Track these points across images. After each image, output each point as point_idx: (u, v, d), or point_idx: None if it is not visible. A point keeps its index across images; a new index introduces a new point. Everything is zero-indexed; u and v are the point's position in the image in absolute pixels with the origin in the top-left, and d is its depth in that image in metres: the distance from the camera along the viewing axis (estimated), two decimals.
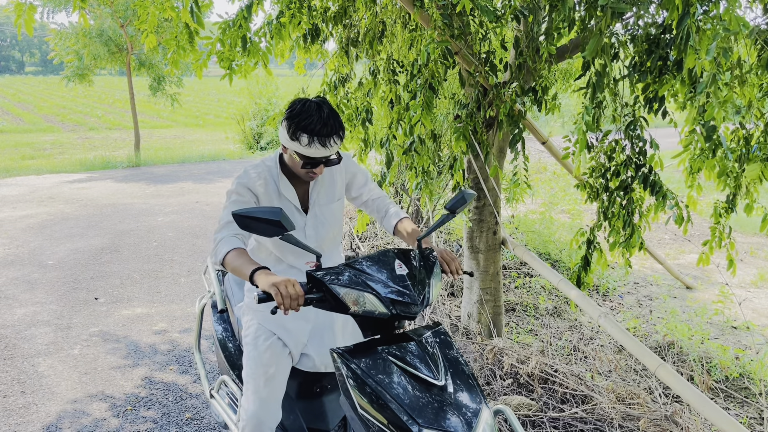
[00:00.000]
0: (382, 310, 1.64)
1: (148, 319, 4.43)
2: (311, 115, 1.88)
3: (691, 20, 2.31)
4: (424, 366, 1.59)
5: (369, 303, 1.64)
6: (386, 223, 2.29)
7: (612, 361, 3.55)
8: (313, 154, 1.91)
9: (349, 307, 1.64)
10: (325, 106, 1.92)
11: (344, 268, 1.71)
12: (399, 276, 1.71)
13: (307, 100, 1.94)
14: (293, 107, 1.93)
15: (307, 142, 1.88)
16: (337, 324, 2.21)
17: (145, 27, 3.52)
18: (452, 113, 4.42)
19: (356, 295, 1.64)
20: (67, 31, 12.33)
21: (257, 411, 2.03)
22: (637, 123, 3.01)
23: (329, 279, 1.66)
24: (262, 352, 2.07)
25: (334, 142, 1.91)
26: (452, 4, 2.97)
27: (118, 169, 12.44)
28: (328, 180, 2.18)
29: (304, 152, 1.91)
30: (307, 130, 1.87)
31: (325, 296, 1.66)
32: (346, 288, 1.64)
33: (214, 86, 41.00)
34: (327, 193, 2.18)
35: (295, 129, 1.88)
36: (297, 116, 1.89)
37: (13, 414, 3.15)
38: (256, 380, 2.05)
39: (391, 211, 2.29)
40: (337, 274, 1.68)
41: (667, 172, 10.27)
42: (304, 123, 1.87)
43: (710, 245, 3.34)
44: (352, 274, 1.69)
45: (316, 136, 1.87)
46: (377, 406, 1.51)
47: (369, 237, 6.45)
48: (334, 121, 1.91)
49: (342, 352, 1.64)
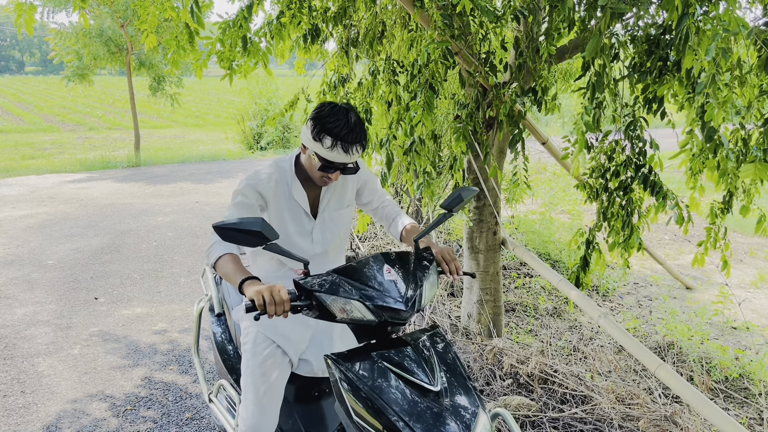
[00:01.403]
0: (370, 317, 1.62)
1: (148, 319, 4.43)
2: (339, 119, 1.85)
3: (690, 21, 2.31)
4: (420, 371, 1.57)
5: (356, 310, 1.61)
6: (393, 230, 2.27)
7: (612, 361, 3.55)
8: (333, 159, 1.88)
9: (336, 315, 1.62)
10: (353, 113, 1.90)
11: (332, 275, 1.69)
12: (387, 281, 1.69)
13: (336, 104, 1.91)
14: (321, 108, 1.91)
15: (330, 144, 1.85)
16: (337, 330, 2.18)
17: (145, 27, 3.52)
18: (452, 113, 4.43)
19: (342, 303, 1.61)
20: (67, 31, 12.35)
21: (256, 420, 2.00)
22: (637, 123, 3.02)
23: (316, 287, 1.63)
24: (261, 360, 2.03)
25: (356, 150, 1.89)
26: (452, 5, 2.98)
27: (118, 169, 12.44)
28: (340, 186, 2.16)
29: (324, 155, 1.88)
30: (332, 134, 1.84)
31: (313, 304, 1.63)
32: (333, 296, 1.61)
33: (214, 86, 41.00)
34: (338, 198, 2.16)
35: (320, 130, 1.86)
36: (324, 118, 1.87)
37: (12, 414, 3.15)
38: (255, 388, 2.02)
39: (398, 218, 2.28)
40: (324, 281, 1.65)
41: (668, 173, 10.27)
42: (330, 126, 1.85)
43: (705, 246, 3.34)
44: (340, 280, 1.67)
45: (340, 140, 1.84)
46: (372, 412, 1.49)
47: (369, 237, 6.45)
48: (359, 130, 1.88)
49: (336, 358, 1.62)
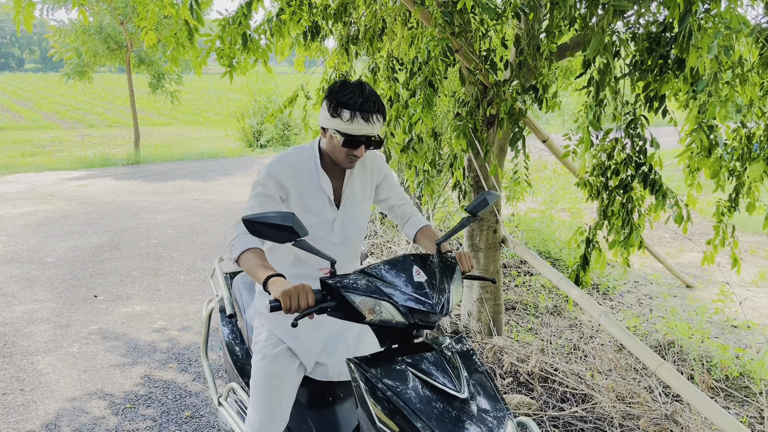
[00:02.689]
0: (400, 320, 1.57)
1: (147, 317, 4.42)
2: (353, 91, 1.84)
3: (692, 18, 2.30)
4: (446, 377, 1.52)
5: (386, 312, 1.56)
6: (407, 230, 2.24)
7: (612, 359, 3.54)
8: (355, 131, 1.85)
9: (365, 316, 1.56)
10: (366, 85, 1.88)
11: (360, 275, 1.63)
12: (417, 283, 1.63)
13: (346, 80, 1.90)
14: (333, 86, 1.89)
15: (348, 117, 1.83)
16: (352, 332, 2.13)
17: (145, 24, 3.51)
18: (453, 111, 4.41)
19: (372, 304, 1.56)
20: (67, 28, 12.33)
21: (263, 422, 1.97)
22: (638, 122, 3.01)
23: (344, 286, 1.57)
24: (271, 360, 1.98)
25: (377, 119, 1.87)
26: (453, 2, 2.96)
27: (118, 167, 12.43)
28: (360, 176, 2.12)
29: (345, 129, 1.85)
30: (348, 105, 1.82)
31: (340, 304, 1.58)
32: (362, 296, 1.56)
33: (213, 83, 40.96)
34: (360, 189, 2.12)
35: (336, 105, 1.84)
36: (338, 93, 1.85)
37: (12, 412, 3.15)
38: (264, 390, 1.98)
39: (414, 218, 2.25)
40: (352, 281, 1.60)
41: (668, 171, 10.27)
42: (346, 98, 1.83)
43: (714, 244, 3.32)
44: (368, 281, 1.61)
45: (358, 111, 1.82)
46: (395, 418, 1.44)
47: (369, 236, 6.44)
48: (376, 98, 1.87)
49: (359, 362, 1.57)
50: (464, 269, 1.91)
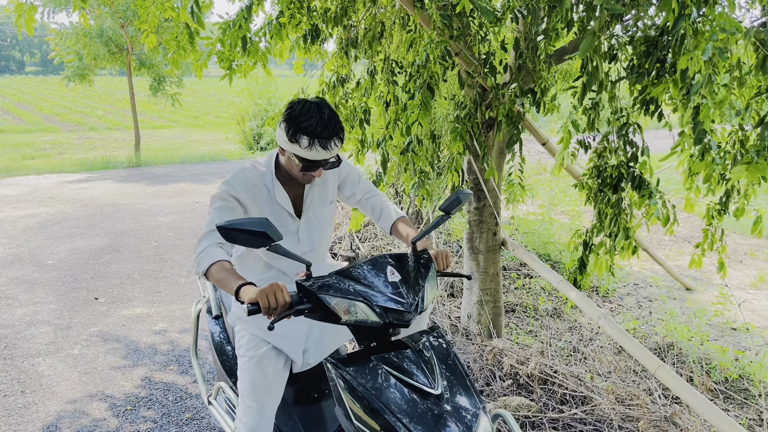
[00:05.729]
0: (375, 319, 1.61)
1: (148, 319, 4.43)
2: (312, 117, 1.82)
3: (686, 22, 2.31)
4: (421, 373, 1.56)
5: (361, 312, 1.60)
6: (383, 223, 2.24)
7: (611, 362, 3.55)
8: (314, 157, 1.85)
9: (340, 317, 1.60)
10: (325, 107, 1.86)
11: (335, 277, 1.67)
12: (392, 283, 1.68)
13: (306, 101, 1.88)
14: (292, 108, 1.87)
15: (307, 144, 1.82)
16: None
17: (146, 27, 3.53)
18: (452, 114, 4.43)
19: (347, 305, 1.60)
20: (68, 31, 12.36)
21: (255, 422, 1.98)
22: (629, 128, 3.01)
23: (319, 288, 1.61)
24: (257, 361, 2.00)
25: (335, 144, 1.86)
26: (452, 5, 2.98)
27: (118, 169, 12.45)
28: (321, 182, 2.13)
29: (303, 155, 1.85)
30: (308, 132, 1.81)
31: (316, 306, 1.61)
32: (337, 297, 1.60)
33: (214, 86, 41.02)
34: (321, 196, 2.13)
35: (295, 131, 1.82)
36: (297, 118, 1.83)
37: (13, 414, 3.16)
38: (253, 390, 1.99)
39: (386, 210, 2.24)
40: (327, 283, 1.63)
41: (667, 173, 10.27)
42: (305, 125, 1.81)
43: (702, 247, 3.33)
44: (343, 282, 1.65)
45: (317, 138, 1.81)
46: (372, 415, 1.49)
47: (369, 238, 6.45)
48: (335, 123, 1.85)
49: (335, 362, 1.61)
50: (440, 268, 1.93)
